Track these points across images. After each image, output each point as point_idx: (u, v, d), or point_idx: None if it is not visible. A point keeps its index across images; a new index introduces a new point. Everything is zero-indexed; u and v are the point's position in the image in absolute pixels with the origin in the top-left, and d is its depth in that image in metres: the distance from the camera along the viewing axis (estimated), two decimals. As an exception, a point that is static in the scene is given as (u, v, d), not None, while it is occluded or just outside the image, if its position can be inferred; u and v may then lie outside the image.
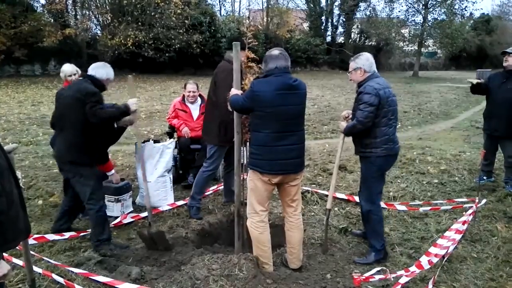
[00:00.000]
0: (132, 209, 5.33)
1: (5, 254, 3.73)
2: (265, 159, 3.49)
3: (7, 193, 2.02)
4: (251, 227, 3.71)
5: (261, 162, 3.51)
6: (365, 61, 3.96)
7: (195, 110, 6.31)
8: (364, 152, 4.04)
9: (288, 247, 3.86)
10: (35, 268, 3.48)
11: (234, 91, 3.76)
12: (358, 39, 40.66)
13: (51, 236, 4.29)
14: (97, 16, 27.06)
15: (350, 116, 4.11)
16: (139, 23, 24.95)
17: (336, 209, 5.31)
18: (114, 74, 4.39)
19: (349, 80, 4.19)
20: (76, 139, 4.02)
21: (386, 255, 4.08)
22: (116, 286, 3.31)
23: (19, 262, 3.66)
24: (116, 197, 5.04)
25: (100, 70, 4.22)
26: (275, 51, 3.63)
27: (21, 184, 2.48)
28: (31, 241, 4.06)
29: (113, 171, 4.94)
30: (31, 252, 3.76)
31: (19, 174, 2.50)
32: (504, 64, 5.81)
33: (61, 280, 3.43)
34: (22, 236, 2.24)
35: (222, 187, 6.04)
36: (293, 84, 3.51)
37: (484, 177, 6.14)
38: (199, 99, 6.38)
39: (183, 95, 6.36)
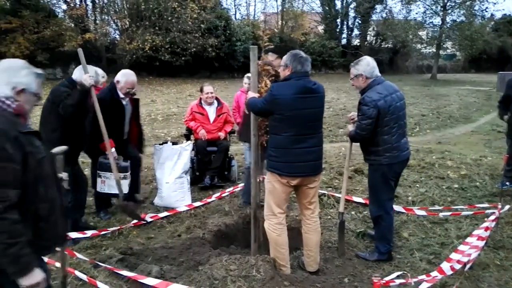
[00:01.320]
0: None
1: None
2: (284, 162, 3.50)
3: (50, 199, 2.09)
4: (268, 229, 3.72)
5: (280, 165, 3.52)
6: (365, 66, 3.89)
7: (212, 112, 6.37)
8: (368, 159, 4.06)
9: (305, 250, 3.85)
10: (58, 265, 3.55)
11: (251, 94, 3.78)
12: (374, 42, 40.31)
13: (73, 234, 4.35)
14: (115, 21, 27.50)
15: (356, 118, 4.08)
16: (156, 28, 25.26)
17: (353, 213, 5.28)
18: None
19: (352, 86, 4.14)
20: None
21: (390, 258, 4.07)
22: (139, 280, 3.39)
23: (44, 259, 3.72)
24: (125, 174, 4.88)
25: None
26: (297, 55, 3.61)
27: (66, 186, 2.56)
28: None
29: (113, 149, 4.79)
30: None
31: (65, 175, 2.56)
32: None
33: (84, 277, 3.49)
34: (59, 241, 2.32)
35: (239, 188, 6.07)
36: (313, 88, 3.52)
37: (507, 183, 5.98)
38: (215, 102, 6.43)
39: (200, 98, 6.41)
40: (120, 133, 5.07)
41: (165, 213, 5.21)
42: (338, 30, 39.20)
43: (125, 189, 4.82)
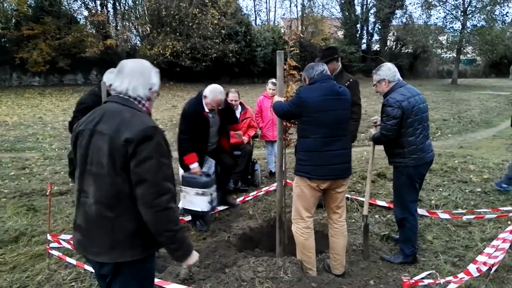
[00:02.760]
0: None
1: (59, 254, 3.96)
2: (314, 165, 3.55)
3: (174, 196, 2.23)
4: (296, 233, 3.77)
5: (309, 168, 3.57)
6: (387, 71, 4.00)
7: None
8: (394, 162, 4.09)
9: (332, 253, 3.90)
10: (87, 267, 3.69)
11: (277, 98, 3.87)
12: (394, 47, 40.00)
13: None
14: (136, 27, 27.98)
15: (379, 121, 4.13)
16: (177, 34, 25.58)
17: (377, 216, 5.31)
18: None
19: (376, 92, 4.23)
20: None
21: (415, 261, 4.10)
22: (164, 286, 3.42)
23: (73, 261, 3.86)
24: (203, 190, 4.77)
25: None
26: (316, 62, 3.80)
27: None
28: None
29: (195, 164, 4.92)
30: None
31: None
32: None
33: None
34: None
35: (262, 192, 6.14)
36: (339, 90, 3.62)
37: (504, 185, 6.12)
38: (239, 107, 6.52)
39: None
40: (204, 146, 5.16)
41: (190, 217, 5.26)
42: (358, 35, 39.00)
43: (203, 207, 4.78)
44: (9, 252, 4.33)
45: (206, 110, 4.94)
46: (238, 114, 6.41)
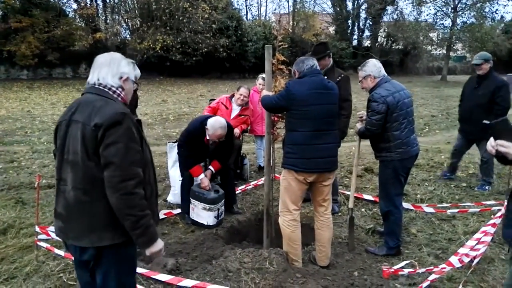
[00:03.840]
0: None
1: (47, 245, 3.98)
2: (301, 158, 3.60)
3: (151, 183, 2.31)
4: (283, 225, 3.83)
5: (296, 161, 3.62)
6: (372, 67, 4.07)
7: (236, 110, 6.34)
8: (380, 156, 4.17)
9: (317, 245, 3.96)
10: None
11: (266, 92, 3.91)
12: (385, 43, 40.15)
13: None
14: (126, 21, 27.77)
15: (365, 116, 4.20)
16: (167, 28, 25.43)
17: (363, 210, 5.39)
18: (141, 76, 4.67)
19: (362, 89, 4.28)
20: None
21: (399, 253, 4.19)
22: (151, 276, 3.48)
23: (61, 252, 3.88)
24: (210, 206, 4.87)
25: None
26: (307, 56, 3.84)
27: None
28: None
29: (202, 175, 5.02)
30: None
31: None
32: (478, 72, 5.99)
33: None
34: (156, 222, 2.49)
35: (250, 186, 6.18)
36: (327, 85, 3.68)
37: (447, 173, 6.73)
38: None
39: (233, 94, 6.43)
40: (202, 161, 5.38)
41: (179, 210, 5.32)
42: (349, 31, 39.11)
43: (209, 221, 4.89)
44: (-3, 244, 4.32)
45: (207, 138, 4.95)
46: (239, 108, 6.33)
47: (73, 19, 26.71)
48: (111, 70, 2.27)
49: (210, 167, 5.19)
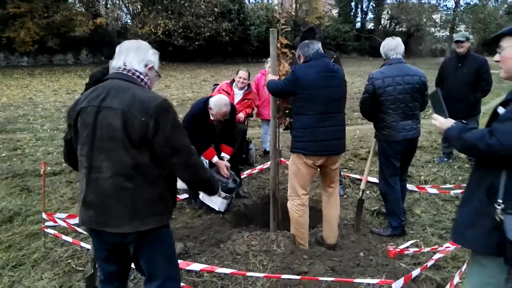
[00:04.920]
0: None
1: (55, 232, 4.02)
2: (310, 141, 3.61)
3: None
4: (291, 210, 3.87)
5: (305, 144, 3.64)
6: (382, 48, 4.19)
7: (238, 95, 6.30)
8: (375, 135, 4.31)
9: (325, 225, 4.02)
10: (83, 245, 3.76)
11: (271, 77, 3.90)
12: (388, 25, 39.85)
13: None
14: (127, 5, 27.44)
15: None
16: (169, 12, 25.21)
17: (368, 192, 5.41)
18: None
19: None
20: None
21: (403, 233, 4.25)
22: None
23: (69, 239, 3.92)
24: (226, 194, 4.85)
25: None
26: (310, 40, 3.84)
27: None
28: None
29: (215, 158, 4.95)
30: (80, 231, 4.04)
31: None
32: (459, 50, 6.17)
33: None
34: None
35: (256, 171, 6.21)
36: (333, 67, 3.69)
37: (445, 159, 6.72)
38: (246, 87, 6.42)
39: (233, 79, 6.40)
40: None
41: (185, 195, 5.32)
42: (352, 13, 38.77)
43: (221, 207, 4.88)
44: (4, 231, 4.34)
45: (212, 118, 4.86)
46: (241, 92, 6.29)
47: (72, 4, 26.46)
48: (137, 56, 2.26)
49: (223, 154, 5.06)
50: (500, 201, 1.89)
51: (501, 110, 1.96)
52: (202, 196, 4.95)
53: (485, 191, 1.98)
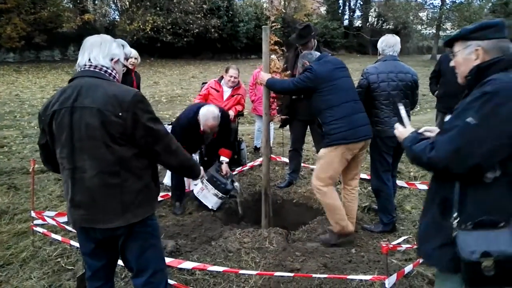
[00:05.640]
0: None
1: (44, 230, 3.97)
2: (350, 129, 3.67)
3: None
4: (324, 199, 3.88)
5: (346, 133, 3.67)
6: (380, 43, 4.23)
7: (227, 91, 6.09)
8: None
9: (348, 216, 4.04)
10: (72, 243, 3.71)
11: (266, 75, 3.90)
12: (375, 23, 40.03)
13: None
14: (115, 1, 27.17)
15: None
16: (157, 8, 25.04)
17: (358, 188, 5.42)
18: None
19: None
20: None
21: (394, 230, 4.29)
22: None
23: (58, 237, 3.87)
24: (223, 195, 4.90)
25: None
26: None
27: None
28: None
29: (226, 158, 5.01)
30: (69, 229, 3.99)
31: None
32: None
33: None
34: None
35: (247, 168, 6.19)
36: (341, 61, 3.94)
37: None
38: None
39: (222, 76, 6.18)
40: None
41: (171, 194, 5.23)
42: (340, 11, 38.87)
43: (214, 206, 4.89)
44: (-9, 230, 4.27)
45: (201, 128, 4.77)
46: (230, 89, 6.10)
47: (60, 0, 26.09)
48: (102, 51, 2.25)
49: (223, 158, 5.03)
50: (454, 215, 1.79)
51: (447, 117, 1.90)
52: (197, 192, 4.92)
53: (438, 205, 1.91)
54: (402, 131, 2.15)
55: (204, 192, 4.89)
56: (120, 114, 2.07)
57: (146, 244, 2.33)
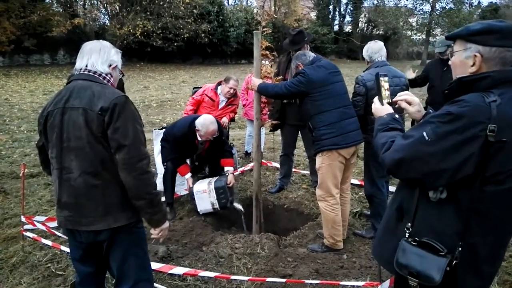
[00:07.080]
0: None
1: (34, 235, 3.93)
2: (339, 134, 3.70)
3: None
4: (326, 210, 3.87)
5: (336, 139, 3.70)
6: (365, 52, 4.23)
7: (223, 101, 6.04)
8: (364, 138, 4.28)
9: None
10: (63, 248, 3.68)
11: (257, 80, 3.92)
12: (365, 28, 40.32)
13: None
14: (105, 6, 27.04)
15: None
16: (148, 13, 24.94)
17: (350, 192, 5.43)
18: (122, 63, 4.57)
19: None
20: None
21: None
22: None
23: (49, 242, 3.84)
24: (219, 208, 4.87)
25: None
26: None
27: None
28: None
29: (189, 174, 5.00)
30: (59, 234, 3.96)
31: None
32: (442, 57, 5.79)
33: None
34: None
35: (237, 173, 6.18)
36: (335, 65, 3.95)
37: None
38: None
39: (219, 83, 6.07)
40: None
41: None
42: (330, 16, 39.10)
43: (202, 210, 4.84)
44: (-20, 235, 4.23)
45: (199, 139, 4.85)
46: (226, 100, 6.05)
47: (50, 4, 25.88)
48: (101, 57, 2.28)
49: (227, 168, 5.06)
50: (408, 225, 1.73)
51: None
52: (198, 191, 4.85)
53: (395, 209, 1.85)
54: (378, 108, 2.04)
55: (203, 194, 4.84)
56: (99, 112, 2.07)
57: (128, 252, 2.30)
